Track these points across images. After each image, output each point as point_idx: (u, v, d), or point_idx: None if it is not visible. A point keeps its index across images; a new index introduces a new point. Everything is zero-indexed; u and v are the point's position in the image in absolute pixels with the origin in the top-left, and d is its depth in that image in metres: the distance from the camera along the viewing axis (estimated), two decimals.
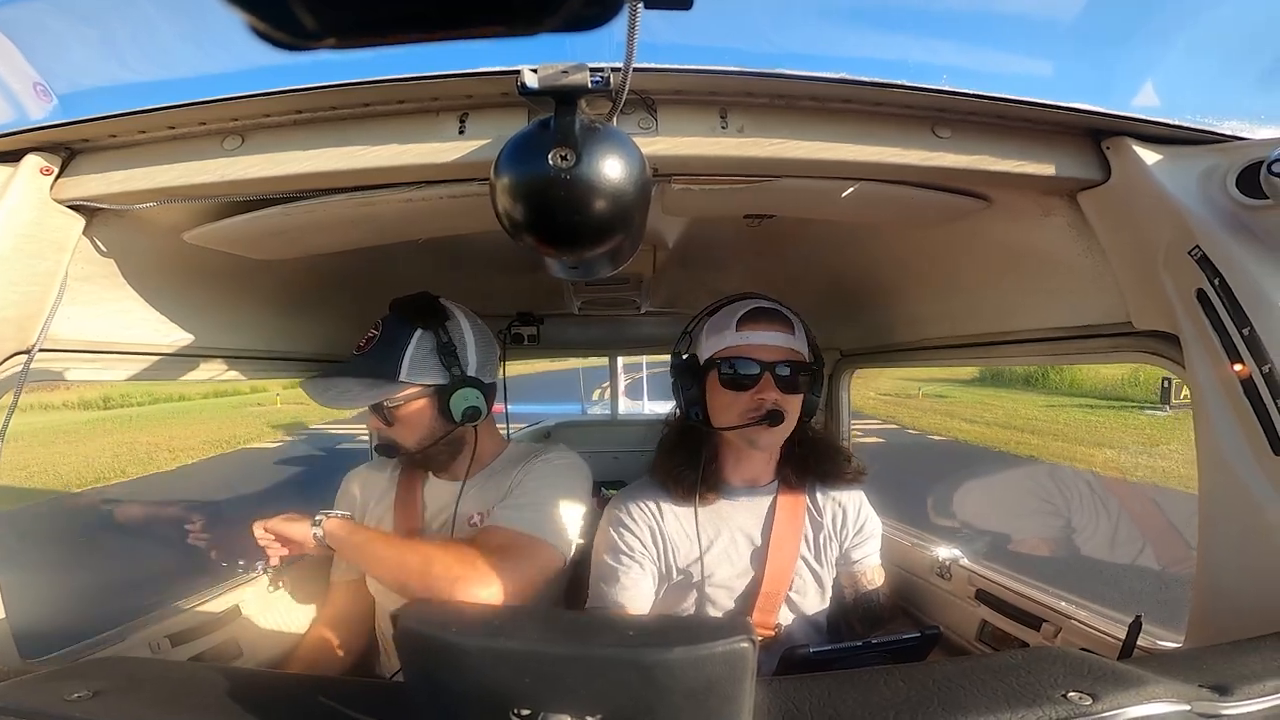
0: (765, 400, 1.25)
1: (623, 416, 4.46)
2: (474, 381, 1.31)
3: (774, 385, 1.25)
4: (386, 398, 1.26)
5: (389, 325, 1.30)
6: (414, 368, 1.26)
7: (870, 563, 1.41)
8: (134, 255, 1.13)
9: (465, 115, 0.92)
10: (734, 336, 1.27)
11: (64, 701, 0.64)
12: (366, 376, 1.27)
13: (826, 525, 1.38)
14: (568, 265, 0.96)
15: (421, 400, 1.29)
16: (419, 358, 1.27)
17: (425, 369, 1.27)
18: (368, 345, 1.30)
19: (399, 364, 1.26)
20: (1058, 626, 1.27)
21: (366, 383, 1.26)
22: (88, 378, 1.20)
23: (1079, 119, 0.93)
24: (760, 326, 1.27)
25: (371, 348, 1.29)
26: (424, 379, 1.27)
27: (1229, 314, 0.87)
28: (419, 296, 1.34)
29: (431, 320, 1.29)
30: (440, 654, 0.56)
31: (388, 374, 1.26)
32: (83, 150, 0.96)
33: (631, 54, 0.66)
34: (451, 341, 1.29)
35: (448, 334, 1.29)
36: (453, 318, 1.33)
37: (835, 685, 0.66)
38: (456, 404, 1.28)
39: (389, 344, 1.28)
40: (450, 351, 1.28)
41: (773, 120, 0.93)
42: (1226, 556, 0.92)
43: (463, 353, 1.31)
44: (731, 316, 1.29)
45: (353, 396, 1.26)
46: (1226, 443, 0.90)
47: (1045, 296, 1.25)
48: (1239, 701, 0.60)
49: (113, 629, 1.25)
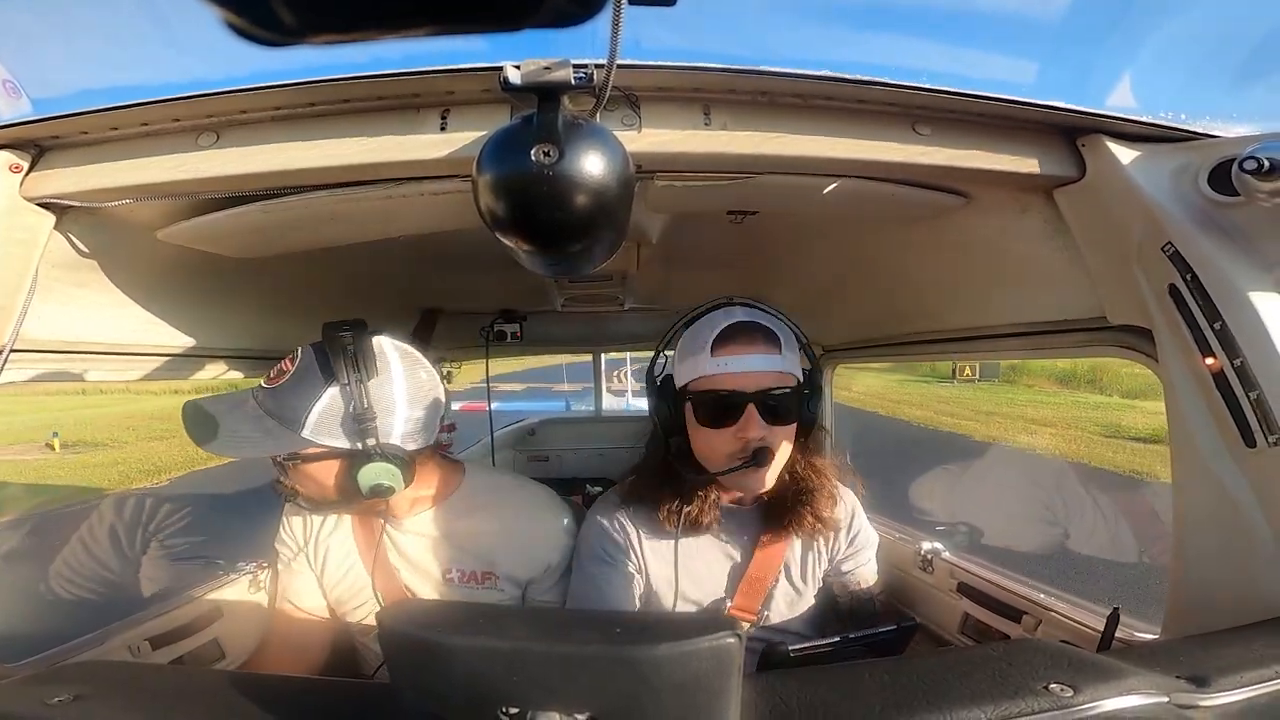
0: (749, 440, 1.10)
1: (607, 413, 4.45)
2: (392, 453, 1.10)
3: (759, 419, 1.10)
4: (283, 453, 1.10)
5: (305, 363, 1.11)
6: (320, 427, 1.08)
7: (863, 572, 1.34)
8: (107, 253, 1.11)
9: (447, 111, 0.91)
10: (710, 364, 1.11)
11: (45, 706, 0.63)
12: (268, 417, 1.09)
13: (816, 542, 1.29)
14: (550, 262, 0.95)
15: (325, 461, 1.11)
16: (328, 418, 1.08)
17: (332, 432, 1.09)
18: (277, 380, 1.11)
19: (304, 418, 1.07)
20: (1038, 619, 1.29)
21: (265, 426, 1.08)
22: (61, 378, 1.17)
23: (1055, 117, 0.94)
24: (739, 349, 1.11)
25: (279, 386, 1.10)
26: (329, 441, 1.09)
27: (1200, 309, 0.89)
28: (351, 334, 1.10)
29: (353, 375, 1.08)
30: (426, 654, 0.55)
31: (291, 424, 1.08)
32: (53, 147, 0.94)
33: (615, 50, 0.66)
34: (371, 408, 1.08)
35: (367, 398, 1.08)
36: (384, 373, 1.11)
37: (821, 679, 0.66)
38: (364, 479, 1.09)
39: (298, 389, 1.09)
40: (365, 420, 1.08)
41: (755, 117, 0.93)
42: (1202, 549, 0.94)
43: (385, 420, 1.11)
44: (706, 335, 1.13)
45: (244, 443, 1.08)
46: (1200, 435, 0.92)
47: (1023, 291, 1.27)
48: (1216, 693, 0.61)
49: (91, 633, 1.23)
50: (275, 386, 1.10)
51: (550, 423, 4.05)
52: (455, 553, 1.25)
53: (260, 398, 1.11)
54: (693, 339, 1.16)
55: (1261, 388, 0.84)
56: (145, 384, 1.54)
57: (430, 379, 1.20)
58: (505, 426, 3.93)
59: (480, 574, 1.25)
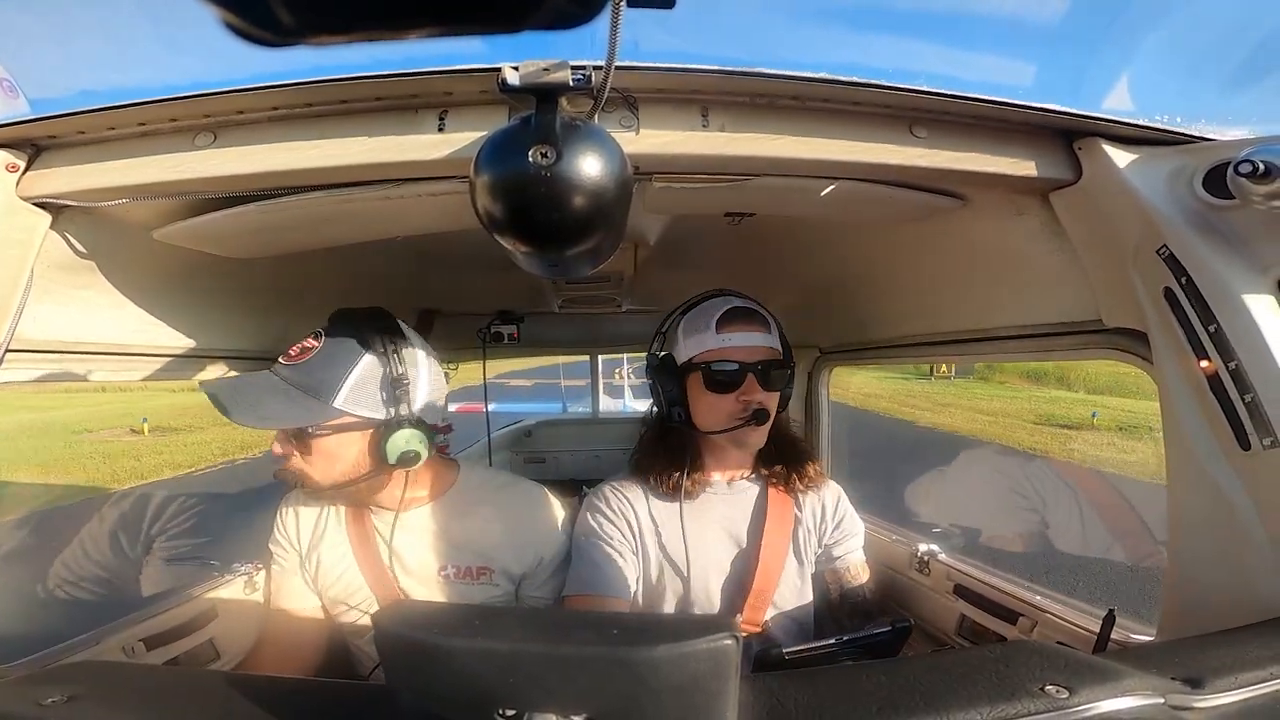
0: (750, 401, 1.26)
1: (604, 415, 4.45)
2: (419, 423, 1.16)
3: (757, 385, 1.27)
4: (315, 424, 1.11)
5: (333, 339, 1.14)
6: (354, 395, 1.11)
7: (853, 559, 1.41)
8: (103, 253, 1.10)
9: (445, 112, 0.91)
10: (714, 339, 1.27)
11: (38, 706, 0.62)
12: (295, 389, 1.10)
13: (805, 520, 1.38)
14: (548, 263, 0.95)
15: (353, 433, 1.14)
16: (362, 385, 1.12)
17: (367, 400, 1.12)
18: (301, 356, 1.13)
19: (338, 387, 1.10)
20: (1034, 620, 1.29)
21: (293, 398, 1.10)
22: (57, 378, 1.17)
23: (1052, 119, 0.94)
24: (739, 327, 1.28)
25: (307, 360, 1.12)
26: (363, 410, 1.12)
27: (1196, 312, 0.89)
28: (373, 313, 1.19)
29: (385, 345, 1.14)
30: (422, 655, 0.55)
31: (322, 395, 1.10)
32: (49, 147, 0.94)
33: (614, 52, 0.66)
34: (405, 374, 1.14)
35: (402, 364, 1.14)
36: (408, 346, 1.19)
37: (817, 681, 0.66)
38: (394, 445, 1.12)
39: (329, 361, 1.12)
40: (401, 385, 1.13)
41: (753, 119, 0.93)
42: (1197, 551, 0.94)
43: (413, 389, 1.16)
44: (709, 317, 1.29)
45: (276, 414, 1.09)
46: (1194, 438, 0.92)
47: (1018, 294, 1.27)
48: (1212, 694, 0.61)
49: (86, 633, 1.22)
50: (302, 361, 1.12)
51: (547, 424, 4.05)
52: (450, 549, 1.26)
53: (284, 374, 1.12)
54: (696, 320, 1.31)
55: (1256, 390, 0.85)
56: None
57: (439, 365, 1.28)
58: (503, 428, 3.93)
59: (475, 569, 1.26)
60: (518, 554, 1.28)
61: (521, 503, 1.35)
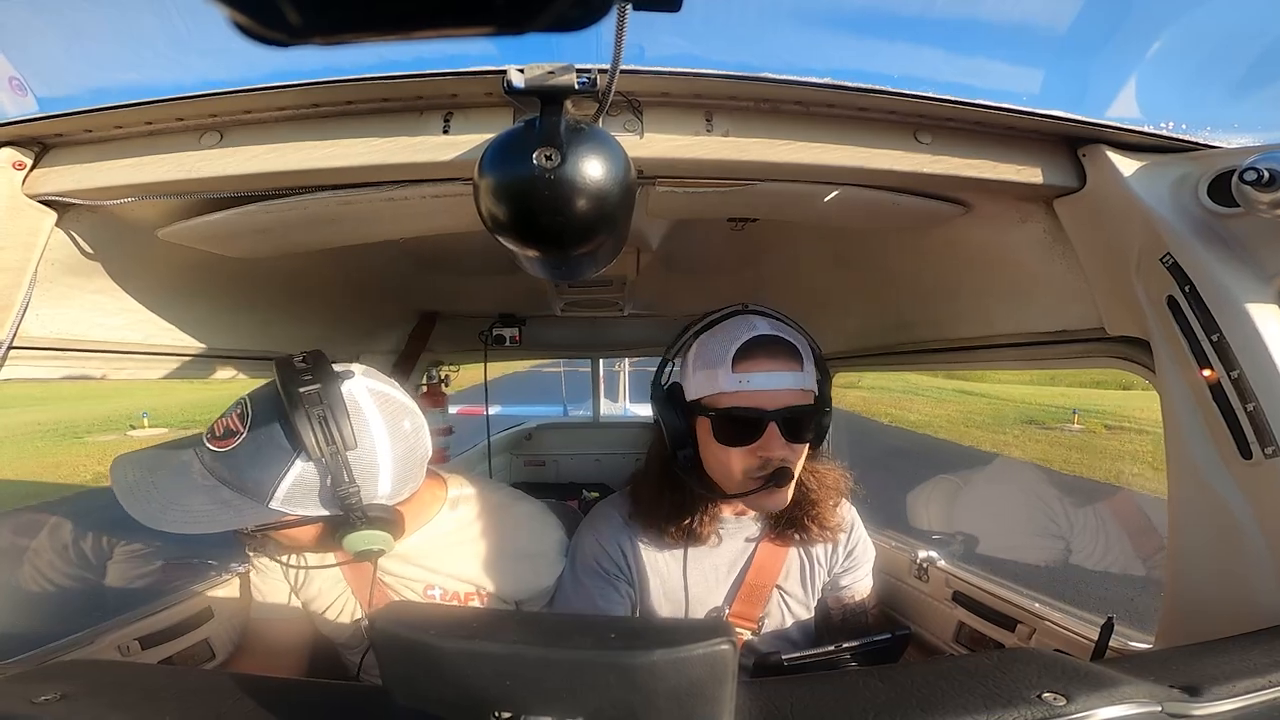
0: (771, 459, 1.05)
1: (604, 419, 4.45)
2: (380, 515, 0.98)
3: (780, 438, 1.04)
4: (249, 526, 0.98)
5: (261, 428, 0.94)
6: (292, 499, 0.95)
7: (860, 587, 1.33)
8: (108, 252, 1.11)
9: (450, 114, 0.91)
10: (730, 379, 1.04)
11: (31, 704, 0.62)
12: (223, 486, 0.95)
13: (815, 552, 1.28)
14: (550, 266, 0.95)
15: (303, 526, 1.00)
16: (300, 490, 0.95)
17: (308, 502, 0.96)
18: (226, 442, 0.96)
19: (271, 490, 0.93)
20: (1032, 628, 1.29)
21: (221, 497, 0.95)
22: (60, 376, 1.17)
23: (1056, 126, 0.94)
24: (762, 364, 1.04)
25: (232, 450, 0.95)
26: (306, 511, 0.97)
27: (1198, 320, 0.89)
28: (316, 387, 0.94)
29: (322, 440, 0.92)
30: (419, 657, 0.55)
31: (254, 495, 0.94)
32: (56, 145, 0.94)
33: (619, 56, 0.66)
34: (352, 479, 0.94)
35: (347, 471, 0.93)
36: (363, 435, 0.96)
37: (815, 686, 0.66)
38: (350, 544, 0.99)
39: (257, 457, 0.94)
40: (349, 494, 0.94)
41: (757, 124, 0.93)
42: (1197, 559, 0.94)
43: (369, 487, 0.97)
44: (726, 347, 1.06)
45: (203, 517, 0.94)
46: (1196, 447, 0.92)
47: (1021, 302, 1.27)
48: (1209, 702, 0.61)
49: (80, 631, 1.22)
50: (226, 451, 0.95)
51: (547, 427, 4.05)
52: (436, 576, 1.20)
53: (209, 462, 0.96)
54: (710, 350, 1.09)
55: (1258, 399, 0.84)
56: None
57: (414, 425, 1.05)
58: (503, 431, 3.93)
59: (463, 595, 1.21)
60: (512, 582, 1.23)
61: (518, 530, 1.26)
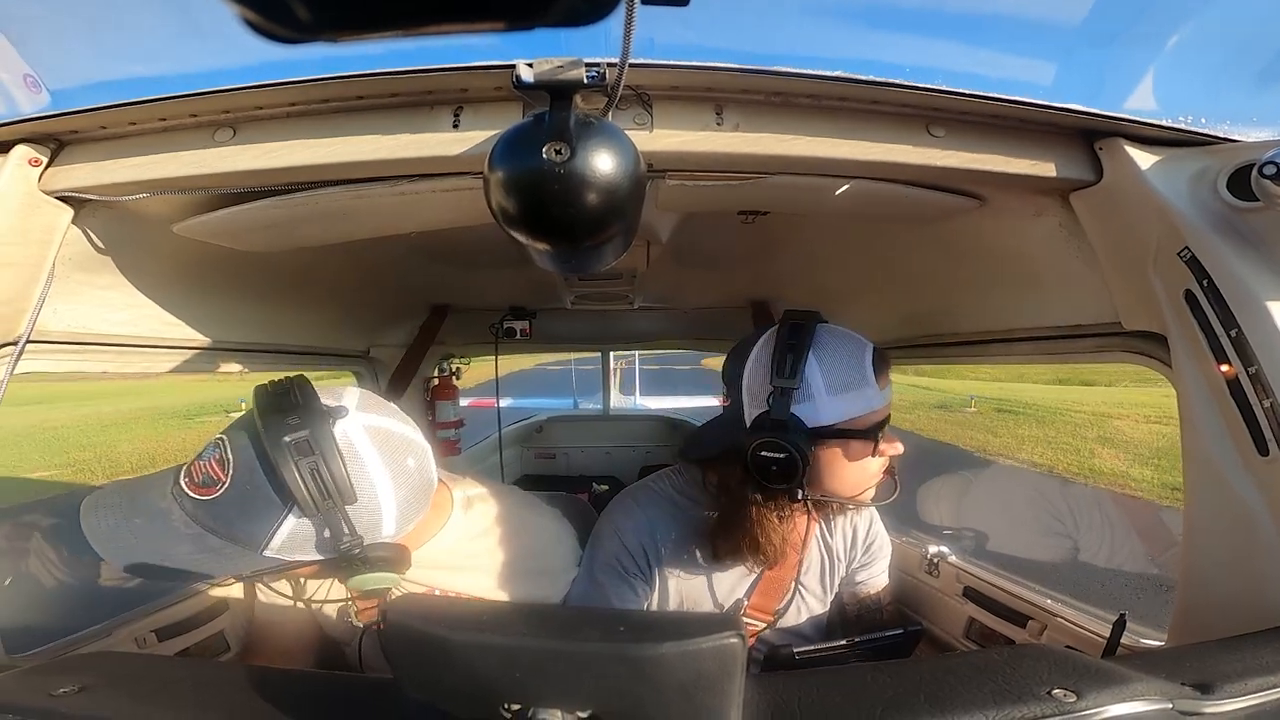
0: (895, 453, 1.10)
1: (615, 411, 4.46)
2: (383, 556, 0.91)
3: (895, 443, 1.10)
4: (245, 573, 0.90)
5: (245, 478, 0.84)
6: (287, 550, 0.87)
7: (876, 583, 1.34)
8: (123, 247, 1.12)
9: (460, 109, 0.91)
10: (879, 396, 1.05)
11: (50, 697, 0.63)
12: (210, 535, 0.85)
13: (836, 548, 1.27)
14: (561, 259, 0.96)
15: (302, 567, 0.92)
16: (295, 543, 0.87)
17: (305, 551, 0.88)
18: (207, 491, 0.85)
19: (263, 543, 0.85)
20: (1043, 624, 1.28)
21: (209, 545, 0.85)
22: (77, 370, 1.19)
23: (1073, 119, 0.93)
24: (886, 372, 1.10)
25: (215, 499, 0.85)
26: (304, 558, 0.89)
27: (1216, 315, 0.88)
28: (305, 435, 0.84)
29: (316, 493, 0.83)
30: (429, 649, 0.56)
31: (244, 544, 0.85)
32: (72, 141, 0.95)
33: (628, 50, 0.66)
34: (354, 531, 0.87)
35: (347, 522, 0.86)
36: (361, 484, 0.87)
37: (823, 681, 0.66)
38: (354, 584, 0.92)
39: (244, 510, 0.84)
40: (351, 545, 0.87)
41: (768, 117, 0.93)
42: (1212, 556, 0.93)
43: (373, 532, 0.90)
44: (862, 367, 1.05)
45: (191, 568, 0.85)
46: (1213, 443, 0.91)
47: (1036, 296, 1.26)
48: (1221, 699, 0.61)
49: (98, 624, 1.24)
50: (209, 500, 0.85)
51: (558, 420, 4.06)
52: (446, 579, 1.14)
53: (190, 510, 0.86)
54: (843, 373, 1.05)
55: (1276, 396, 0.83)
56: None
57: (419, 461, 0.96)
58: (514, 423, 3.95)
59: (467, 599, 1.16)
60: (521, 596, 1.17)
61: (529, 545, 1.21)
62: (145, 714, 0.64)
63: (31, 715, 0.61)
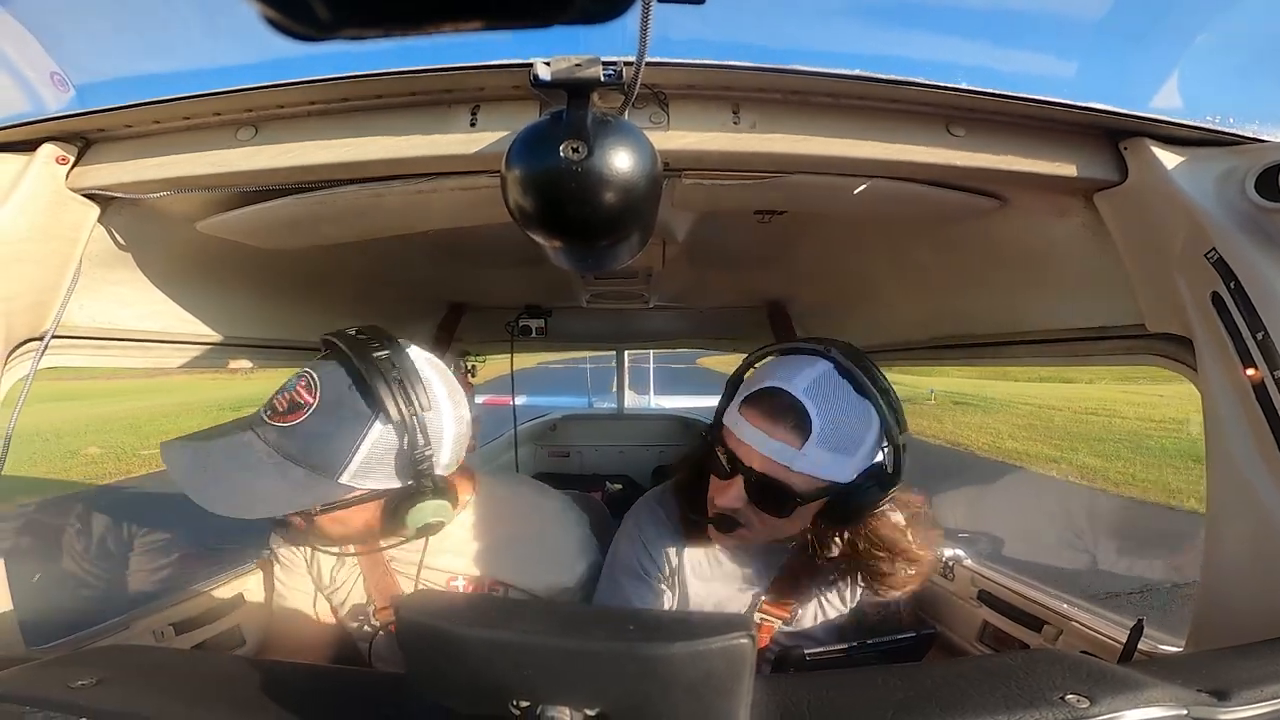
0: (722, 502, 1.01)
1: (629, 410, 4.46)
2: (444, 485, 0.96)
3: (743, 494, 0.99)
4: (319, 504, 0.93)
5: (330, 394, 0.91)
6: (364, 470, 0.91)
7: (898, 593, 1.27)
8: (147, 244, 1.14)
9: (477, 107, 0.92)
10: (732, 415, 1.02)
11: (68, 689, 0.64)
12: (291, 464, 0.89)
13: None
14: (577, 258, 0.96)
15: (366, 503, 0.96)
16: (375, 459, 0.91)
17: (379, 473, 0.92)
18: (293, 416, 0.90)
19: (344, 463, 0.89)
20: (1059, 629, 1.26)
21: (290, 475, 0.89)
22: (101, 365, 1.21)
23: (1097, 119, 0.92)
24: (756, 420, 0.97)
25: (300, 423, 0.90)
26: (375, 484, 0.92)
27: (1243, 318, 0.86)
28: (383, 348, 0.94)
29: (401, 404, 0.90)
30: (441, 644, 0.56)
31: (323, 470, 0.89)
32: (98, 140, 0.97)
33: (644, 48, 0.66)
34: (428, 441, 0.92)
35: (424, 431, 0.91)
36: (432, 399, 0.94)
37: (833, 683, 0.66)
38: (415, 519, 0.95)
39: (330, 426, 0.89)
40: (424, 457, 0.92)
41: (785, 116, 0.92)
42: (1233, 561, 0.91)
43: (438, 451, 0.95)
44: (752, 385, 1.03)
45: (267, 498, 0.89)
46: (1237, 448, 0.89)
47: (1058, 297, 1.24)
48: (1237, 706, 0.59)
49: (116, 617, 1.26)
50: (293, 425, 0.90)
51: (572, 419, 4.07)
52: (462, 564, 1.19)
53: (272, 439, 0.91)
54: (752, 380, 1.05)
55: None
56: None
57: (463, 398, 1.06)
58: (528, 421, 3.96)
59: (488, 583, 1.19)
60: (536, 578, 1.21)
61: (543, 526, 1.25)
62: (161, 706, 0.65)
63: (50, 707, 0.62)
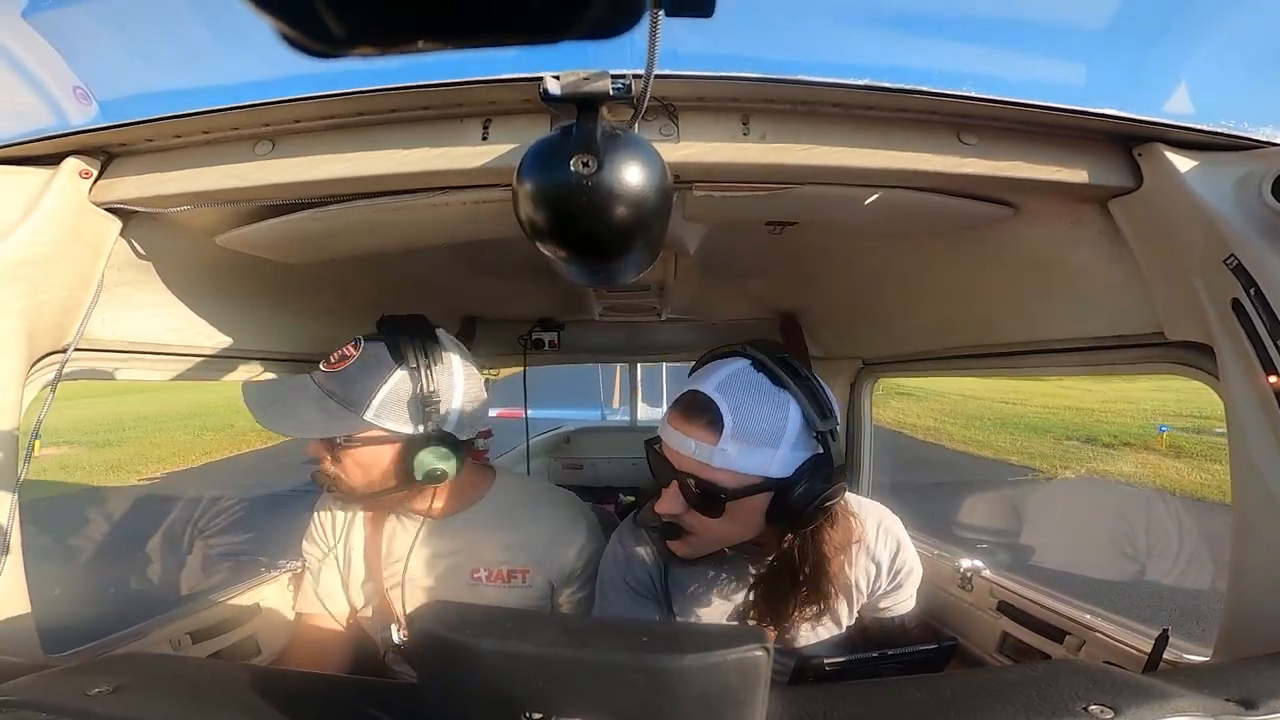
0: (661, 508, 1.03)
1: (642, 423, 4.45)
2: (449, 440, 1.14)
3: (680, 498, 1.01)
4: (344, 435, 1.12)
5: (370, 349, 1.13)
6: (383, 409, 1.10)
7: (900, 609, 1.27)
8: (168, 257, 1.16)
9: (489, 121, 0.93)
10: (662, 422, 1.05)
11: (85, 696, 0.64)
12: (329, 399, 1.10)
13: (858, 580, 1.21)
14: (588, 271, 0.96)
15: (382, 446, 1.13)
16: (392, 400, 1.10)
17: (395, 414, 1.11)
18: (340, 364, 1.12)
19: (368, 400, 1.09)
20: (1081, 639, 1.24)
21: (326, 408, 1.10)
22: (121, 377, 1.22)
23: (1110, 125, 0.91)
24: (677, 423, 1.00)
25: (344, 369, 1.12)
26: (391, 424, 1.11)
27: (1265, 324, 0.85)
28: (413, 322, 1.18)
29: (419, 359, 1.11)
30: (454, 656, 0.56)
31: (353, 406, 1.09)
32: (120, 154, 0.99)
33: (653, 61, 0.66)
34: (436, 391, 1.12)
35: (434, 381, 1.11)
36: (444, 361, 1.15)
37: (849, 695, 0.65)
38: (419, 464, 1.11)
39: (363, 372, 1.11)
40: (430, 403, 1.11)
41: (795, 127, 0.92)
42: (1260, 570, 0.89)
43: (445, 405, 1.14)
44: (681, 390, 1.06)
45: (305, 423, 1.10)
46: (1262, 456, 0.87)
47: (1073, 306, 1.23)
48: (1266, 715, 0.58)
49: (134, 626, 1.27)
50: (339, 370, 1.12)
51: (585, 431, 4.07)
52: (483, 553, 1.27)
53: (320, 380, 1.13)
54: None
55: None
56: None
57: (478, 377, 1.23)
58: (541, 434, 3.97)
59: (508, 572, 1.26)
60: (552, 563, 1.28)
61: (558, 512, 1.33)
62: (177, 714, 0.65)
63: (66, 714, 0.63)
